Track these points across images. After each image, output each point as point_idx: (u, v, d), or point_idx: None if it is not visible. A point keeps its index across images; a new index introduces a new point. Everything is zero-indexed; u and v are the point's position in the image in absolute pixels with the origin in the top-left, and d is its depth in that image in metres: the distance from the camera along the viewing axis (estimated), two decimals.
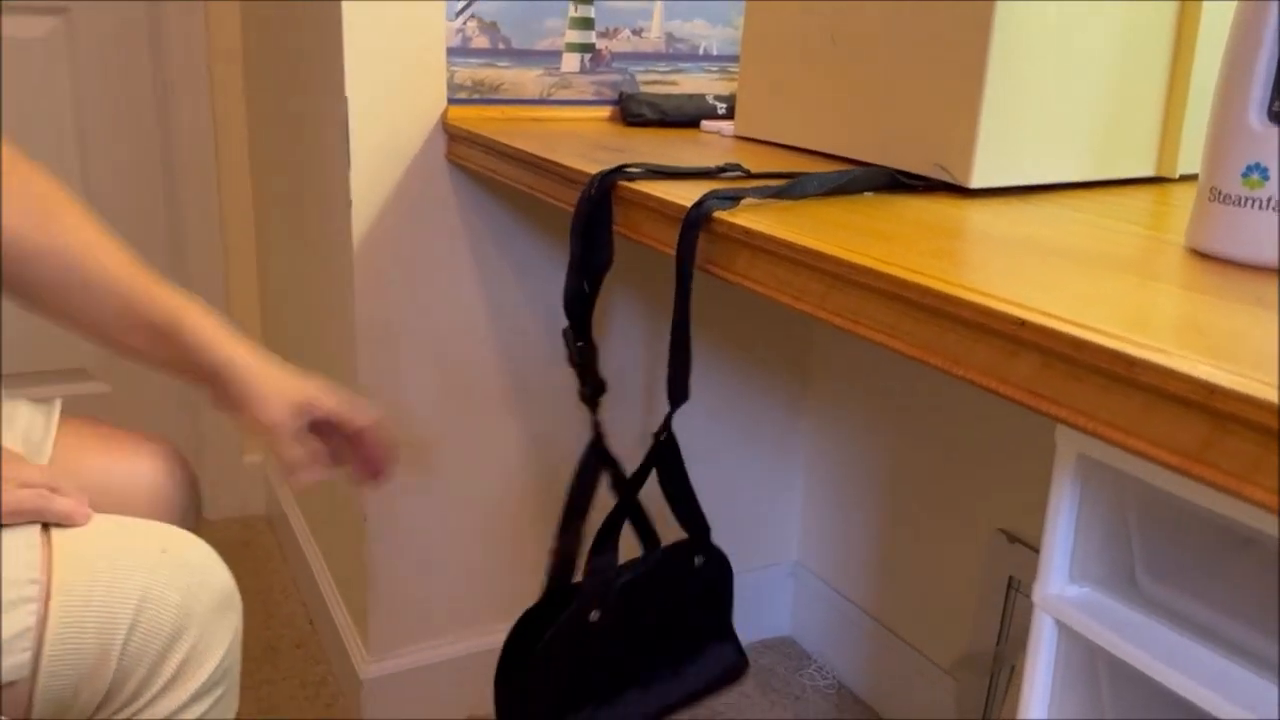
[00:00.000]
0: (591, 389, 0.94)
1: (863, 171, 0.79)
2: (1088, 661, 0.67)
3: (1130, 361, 0.45)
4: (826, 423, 1.56)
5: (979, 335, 0.53)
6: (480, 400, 1.35)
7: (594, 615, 0.90)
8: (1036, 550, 1.22)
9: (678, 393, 0.84)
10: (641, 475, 0.93)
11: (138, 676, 0.67)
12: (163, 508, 0.82)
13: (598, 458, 0.94)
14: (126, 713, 0.68)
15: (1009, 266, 0.61)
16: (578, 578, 0.94)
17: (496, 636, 1.47)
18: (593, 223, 0.85)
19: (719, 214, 0.72)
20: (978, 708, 1.30)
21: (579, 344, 0.91)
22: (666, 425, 0.90)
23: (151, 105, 1.81)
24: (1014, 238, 0.69)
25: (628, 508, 0.93)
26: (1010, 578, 1.24)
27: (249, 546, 1.89)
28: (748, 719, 1.45)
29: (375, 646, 1.38)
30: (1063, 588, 0.68)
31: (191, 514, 0.87)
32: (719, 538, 1.40)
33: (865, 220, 0.72)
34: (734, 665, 1.04)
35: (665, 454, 0.92)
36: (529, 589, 1.49)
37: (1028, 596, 1.25)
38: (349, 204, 1.22)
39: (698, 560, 0.98)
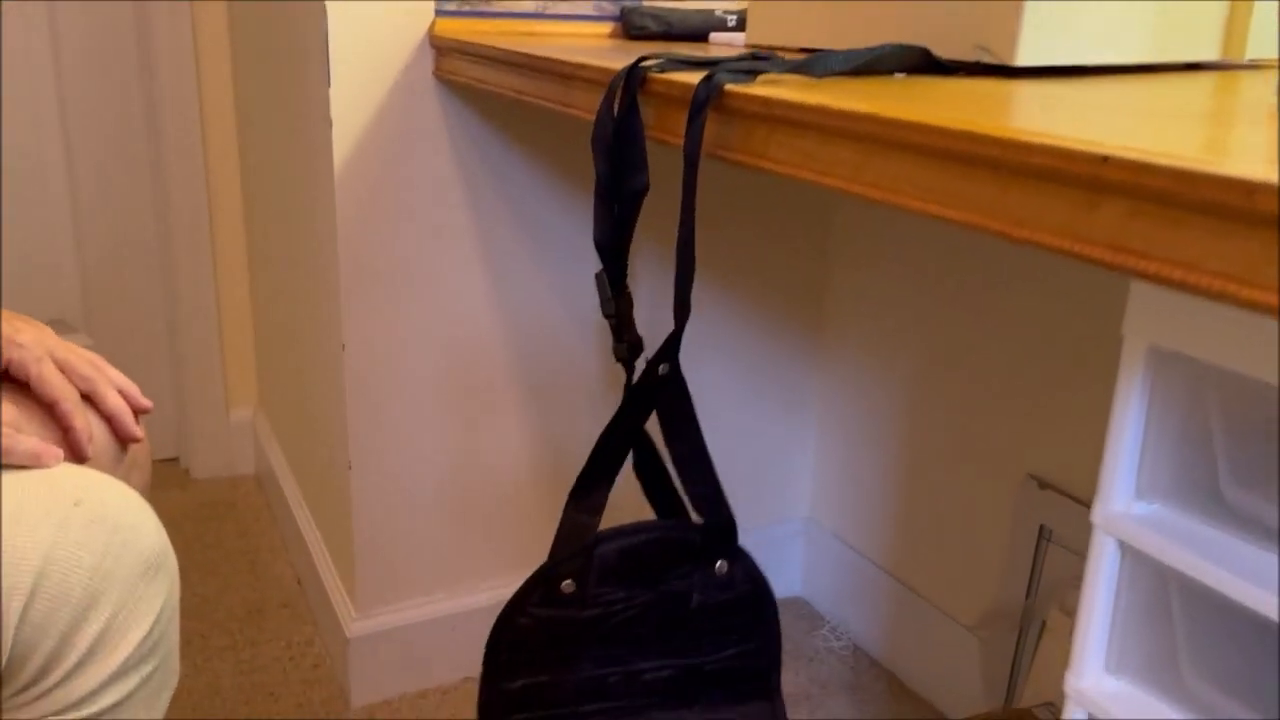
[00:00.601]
0: (629, 345, 0.78)
1: (893, 48, 0.70)
2: (1157, 589, 0.59)
3: (1249, 188, 0.36)
4: (841, 370, 1.47)
5: (1051, 187, 0.45)
6: (472, 346, 1.27)
7: (567, 585, 0.76)
8: (1071, 497, 1.14)
9: (681, 308, 0.73)
10: (629, 413, 0.76)
11: (44, 651, 0.58)
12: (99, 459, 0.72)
13: (632, 424, 0.78)
14: (33, 692, 0.58)
15: (1075, 118, 0.52)
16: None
17: (490, 594, 1.41)
18: (623, 132, 0.71)
19: (732, 87, 0.63)
20: (1004, 667, 1.22)
21: (613, 293, 0.76)
22: (666, 351, 0.75)
23: (131, 29, 1.72)
24: (1075, 101, 0.60)
25: (620, 451, 0.78)
26: (1041, 526, 1.16)
27: (235, 507, 1.81)
28: None
29: (362, 602, 1.30)
30: (1128, 505, 0.59)
31: (134, 471, 0.77)
32: (728, 493, 1.27)
33: (899, 97, 0.63)
34: None
35: (667, 393, 0.76)
36: (526, 545, 1.41)
37: (1061, 546, 1.17)
38: (329, 123, 1.13)
39: (719, 565, 0.80)
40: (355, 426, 1.23)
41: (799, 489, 1.56)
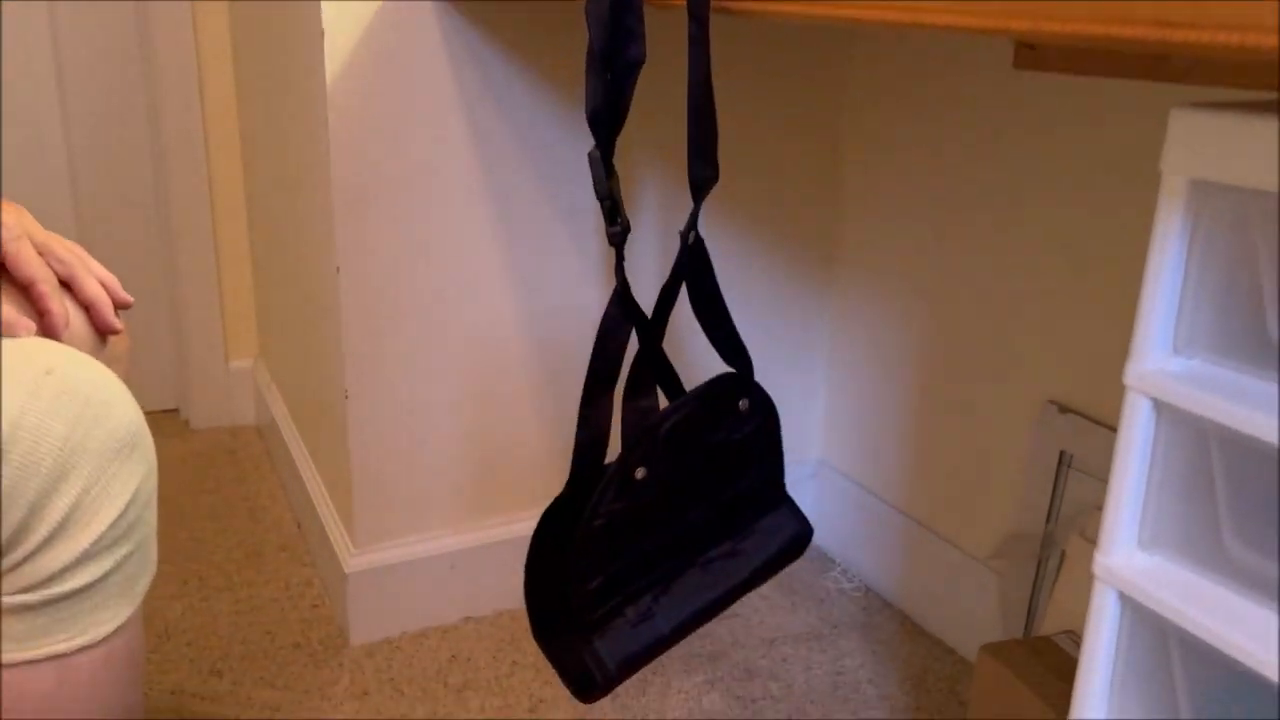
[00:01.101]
0: (621, 227, 0.79)
1: None
2: (1196, 453, 0.54)
3: None
4: (852, 306, 1.43)
5: None
6: (471, 271, 1.23)
7: (640, 472, 0.78)
8: (1092, 420, 1.10)
9: (704, 170, 0.70)
10: (671, 291, 0.80)
11: (12, 521, 0.54)
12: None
13: (624, 312, 0.80)
14: (4, 564, 0.55)
15: None
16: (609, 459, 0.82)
17: (492, 532, 1.37)
18: None
19: None
20: (1022, 599, 1.18)
21: (605, 171, 0.77)
22: (694, 222, 0.77)
23: None
24: None
25: (659, 337, 0.81)
26: (1062, 452, 1.12)
27: (235, 455, 1.78)
28: (768, 623, 1.34)
29: (360, 538, 1.26)
30: (1165, 361, 0.55)
31: (114, 365, 0.73)
32: None
33: None
34: (798, 534, 0.91)
35: (695, 261, 0.79)
36: (529, 481, 1.37)
37: (1082, 472, 1.13)
38: (321, 35, 1.09)
39: (742, 404, 0.85)
40: (351, 352, 1.19)
41: (810, 431, 1.52)
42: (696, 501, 0.83)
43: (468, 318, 1.24)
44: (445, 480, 1.29)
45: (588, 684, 0.81)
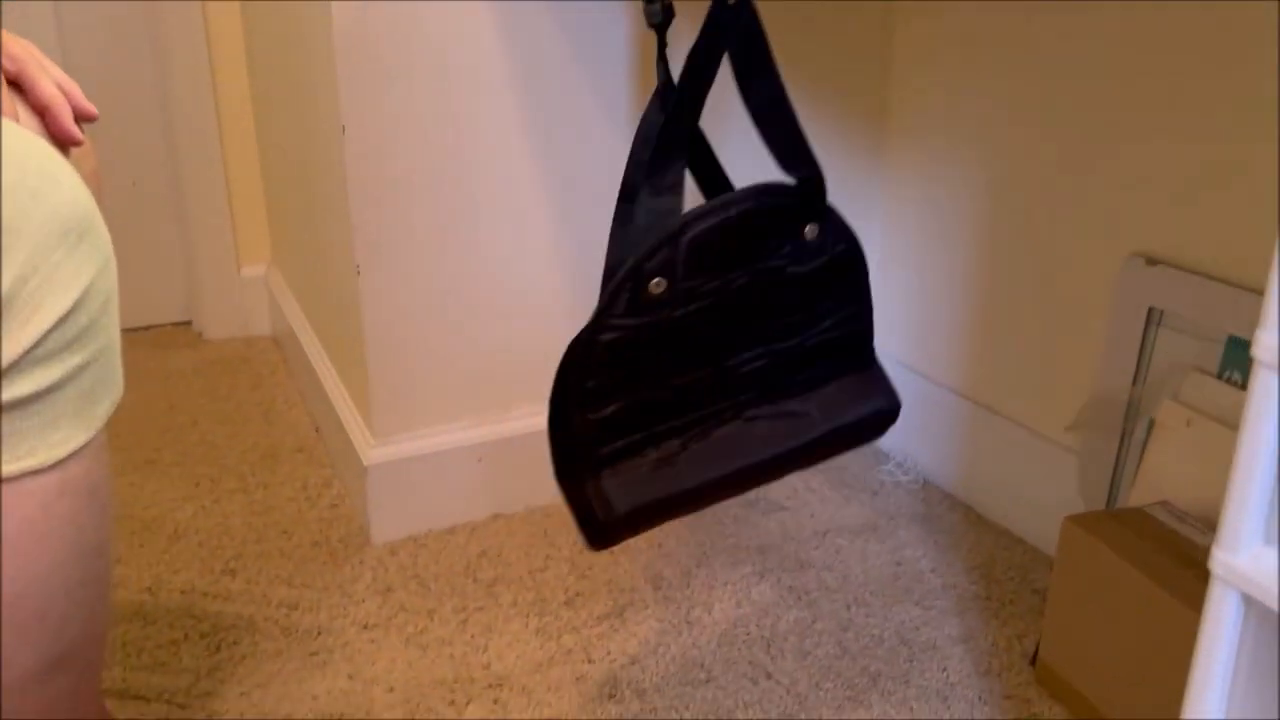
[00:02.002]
0: (663, 6, 0.68)
1: None
2: None
3: None
4: (907, 169, 1.31)
5: None
6: (486, 130, 1.12)
7: (657, 285, 0.64)
8: (1187, 269, 0.98)
9: None
10: (702, 55, 0.64)
11: None
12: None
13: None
14: None
15: None
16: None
17: (519, 423, 1.27)
18: None
19: None
20: (1104, 478, 1.07)
21: None
22: None
23: None
24: None
25: (694, 109, 0.65)
26: (1150, 309, 1.00)
27: (250, 363, 1.69)
28: (819, 516, 1.24)
29: (379, 428, 1.17)
30: None
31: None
32: None
33: None
34: (882, 409, 0.76)
35: (738, 29, 0.64)
36: (554, 367, 1.26)
37: (1174, 330, 1.01)
38: None
39: (809, 230, 0.70)
40: (359, 222, 1.09)
41: None
42: (744, 339, 0.70)
43: (480, 181, 1.14)
44: (470, 367, 1.20)
45: (590, 524, 0.70)
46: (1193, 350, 0.97)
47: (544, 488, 1.26)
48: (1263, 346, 0.46)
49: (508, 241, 1.17)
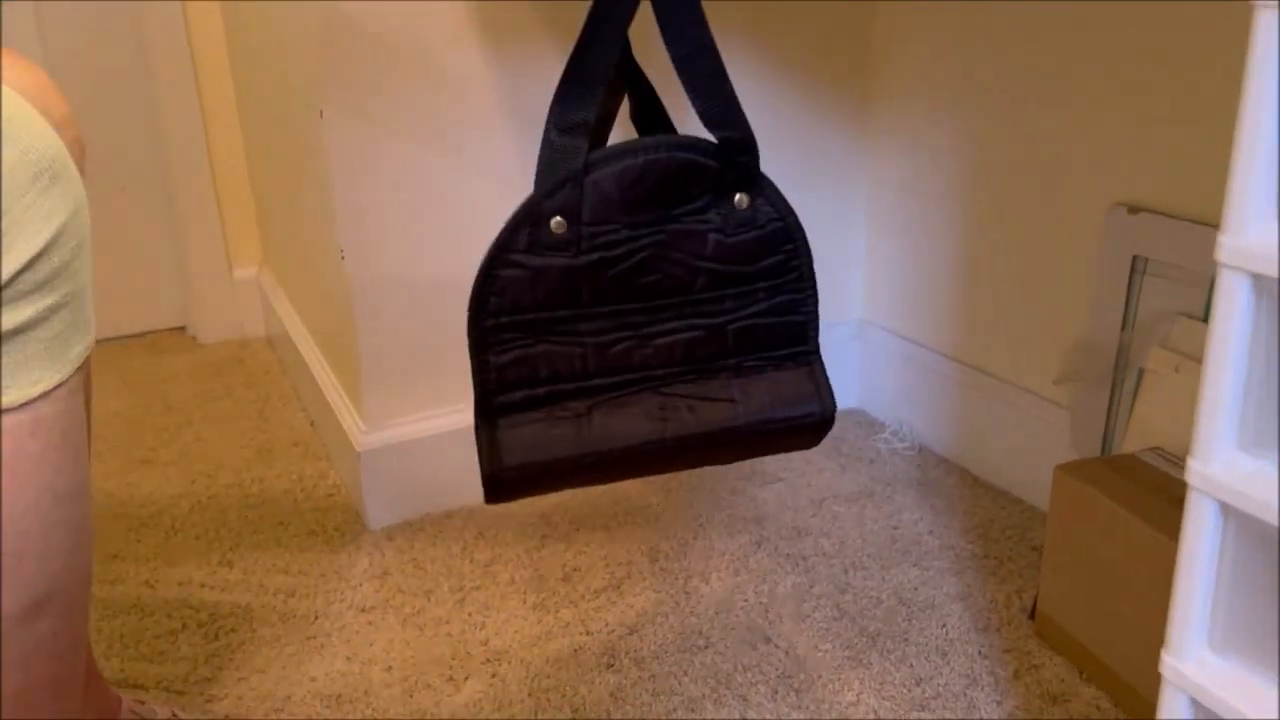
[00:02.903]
0: None
1: None
2: None
3: None
4: (890, 135, 1.31)
5: None
6: (473, 113, 1.12)
7: (557, 224, 0.61)
8: (1169, 215, 0.98)
9: None
10: None
11: None
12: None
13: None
14: None
15: None
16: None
17: None
18: None
19: None
20: (1096, 430, 1.07)
21: None
22: None
23: None
24: None
25: (609, 46, 0.61)
26: (1135, 257, 1.00)
27: (244, 363, 1.69)
28: (815, 485, 1.24)
29: (371, 414, 1.17)
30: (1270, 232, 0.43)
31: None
32: None
33: None
34: (813, 414, 0.70)
35: None
36: None
37: (1159, 277, 1.01)
38: None
39: (739, 200, 0.66)
40: (342, 205, 1.09)
41: (850, 290, 1.41)
42: (665, 307, 0.66)
43: (475, 175, 1.14)
44: (460, 350, 1.20)
45: (484, 472, 0.66)
46: (1179, 296, 0.96)
47: None
48: (1226, 250, 0.46)
49: (492, 222, 1.16)
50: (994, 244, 1.18)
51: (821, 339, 1.38)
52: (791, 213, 0.68)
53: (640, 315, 0.65)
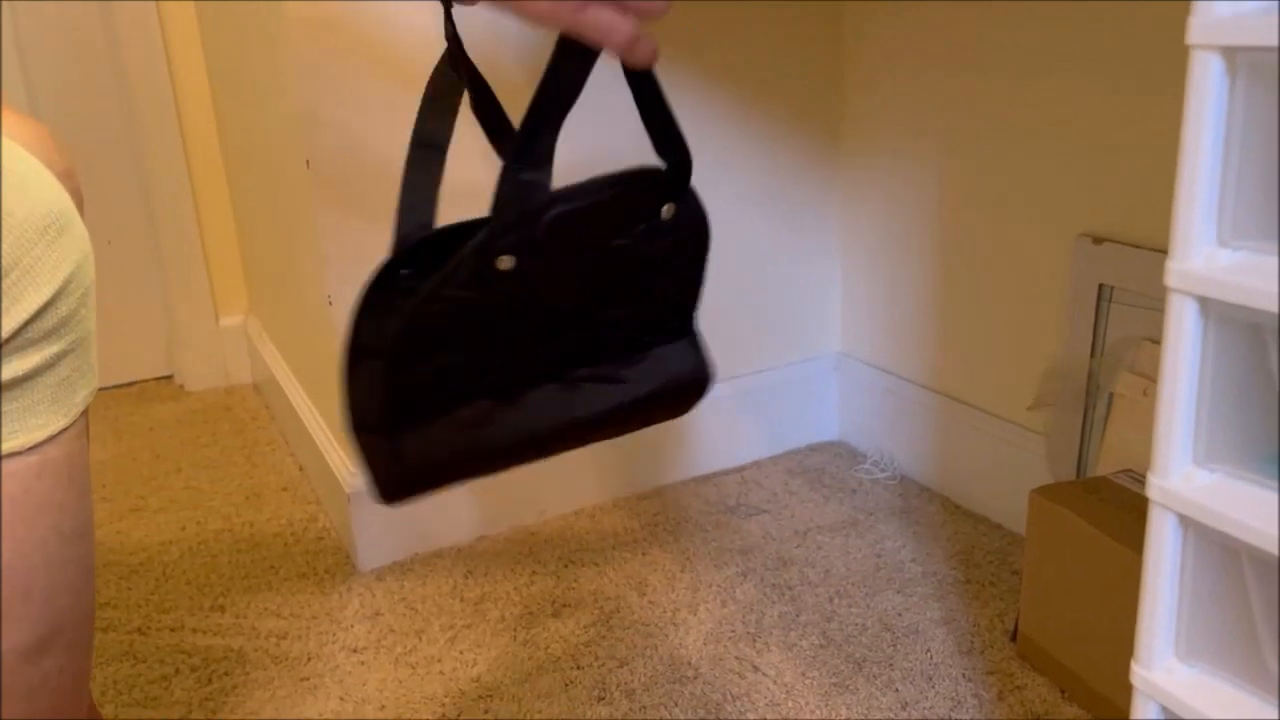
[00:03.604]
0: None
1: None
2: (1251, 350, 0.46)
3: None
4: (862, 175, 1.34)
5: None
6: (460, 159, 1.15)
7: (506, 262, 0.62)
8: (1132, 245, 1.01)
9: None
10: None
11: None
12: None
13: (457, 73, 0.65)
14: None
15: None
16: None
17: None
18: None
19: None
20: (1071, 455, 1.09)
21: None
22: None
23: None
24: None
25: (575, 79, 0.62)
26: (1101, 285, 1.03)
27: (232, 410, 1.71)
28: (799, 516, 1.26)
29: None
30: (1213, 253, 0.47)
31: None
32: (749, 332, 1.15)
33: None
34: (692, 375, 0.75)
35: None
36: None
37: (1125, 305, 1.04)
38: None
39: (666, 210, 0.69)
40: (330, 254, 1.12)
41: (828, 324, 1.44)
42: (578, 315, 0.69)
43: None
44: None
45: (381, 478, 0.67)
46: (1144, 322, 1.00)
47: (527, 507, 1.28)
48: (1174, 275, 0.49)
49: None
50: (966, 276, 1.21)
51: (802, 372, 1.42)
52: (705, 217, 0.71)
53: (551, 322, 0.68)
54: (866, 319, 1.39)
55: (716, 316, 1.35)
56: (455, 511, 1.24)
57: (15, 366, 0.49)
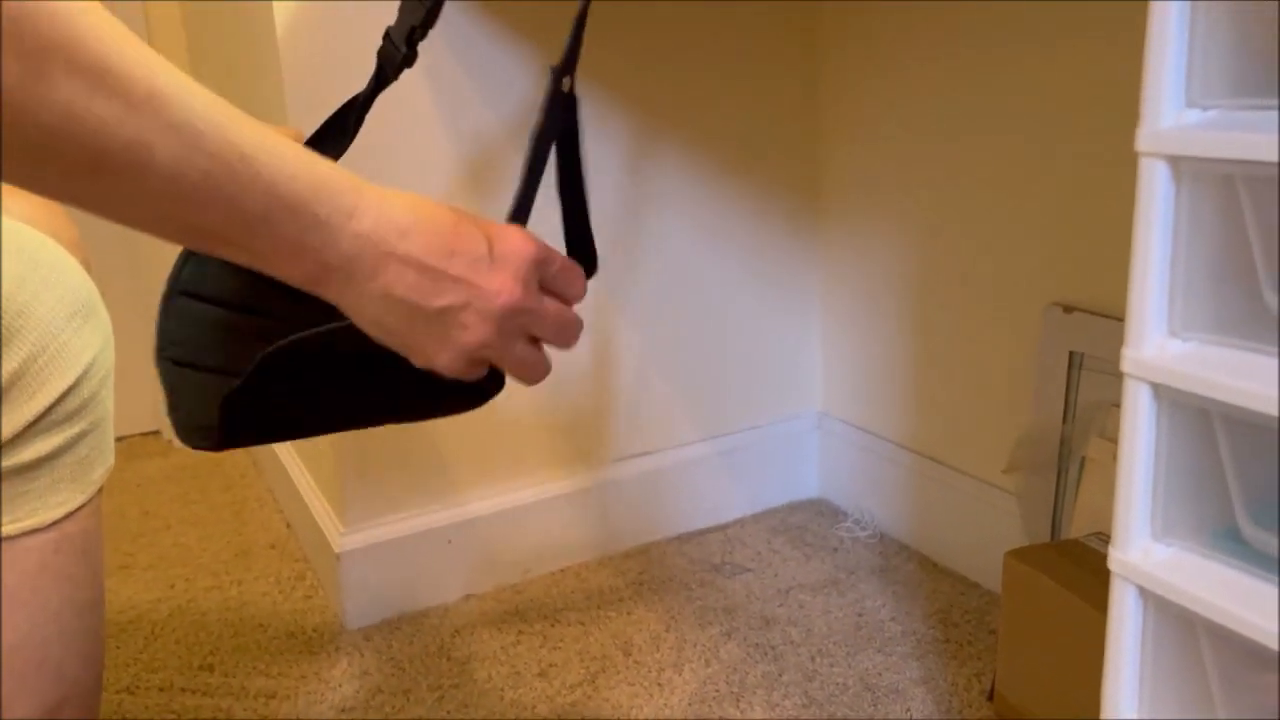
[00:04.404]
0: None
1: None
2: (1200, 427, 0.50)
3: None
4: (842, 242, 1.39)
5: None
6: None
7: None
8: (1099, 314, 1.05)
9: None
10: (541, 153, 0.63)
11: None
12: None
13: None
14: None
15: None
16: None
17: (486, 504, 1.30)
18: None
19: None
20: (1045, 518, 1.12)
21: None
22: (572, 59, 0.62)
23: None
24: None
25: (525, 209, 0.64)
26: (1071, 353, 1.07)
27: (219, 466, 1.72)
28: (782, 575, 1.28)
29: (350, 516, 1.21)
30: (1164, 343, 0.50)
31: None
32: (731, 391, 1.15)
33: None
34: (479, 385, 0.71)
35: (568, 117, 0.64)
36: (519, 449, 1.31)
37: (1094, 371, 1.08)
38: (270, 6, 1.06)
39: None
40: None
41: (809, 383, 1.47)
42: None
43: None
44: (435, 451, 1.24)
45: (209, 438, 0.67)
46: (1114, 388, 1.03)
47: (514, 566, 1.30)
48: (1129, 362, 0.52)
49: None
50: (943, 340, 1.25)
51: (783, 430, 1.45)
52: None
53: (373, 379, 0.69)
54: (847, 379, 1.43)
55: (701, 376, 1.38)
56: (442, 571, 1.25)
57: (39, 447, 0.51)
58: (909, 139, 1.24)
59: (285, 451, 1.48)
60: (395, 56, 0.76)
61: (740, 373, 1.41)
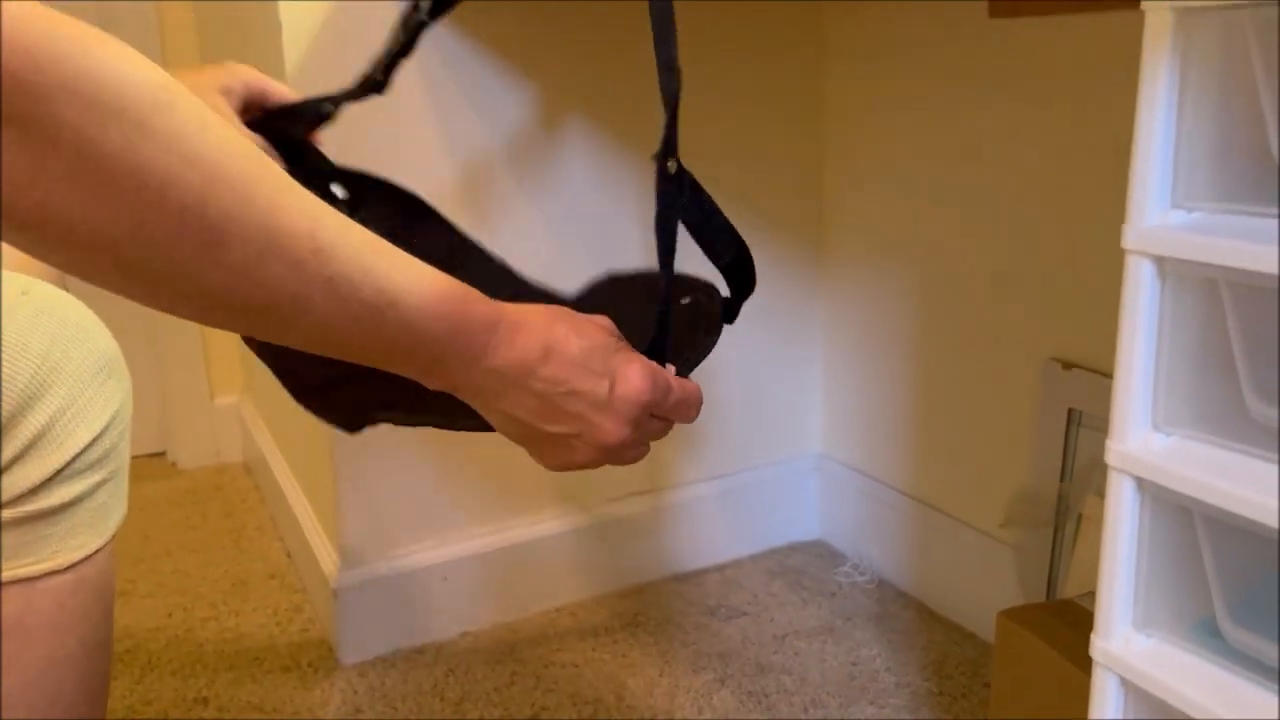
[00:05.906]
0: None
1: None
2: (1207, 304, 0.50)
3: None
4: (844, 290, 1.39)
5: None
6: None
7: None
8: (1098, 372, 1.05)
9: (669, 79, 0.62)
10: (667, 232, 0.69)
11: None
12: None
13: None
14: None
15: None
16: None
17: (484, 540, 1.31)
18: None
19: None
20: (1041, 571, 1.12)
21: None
22: (672, 144, 0.66)
23: None
24: None
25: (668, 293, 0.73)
26: (1070, 410, 1.07)
27: (222, 490, 1.73)
28: (778, 620, 1.28)
29: (347, 552, 1.21)
30: (1165, 215, 0.51)
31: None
32: (732, 432, 1.18)
33: None
34: None
35: (685, 192, 0.69)
36: (518, 487, 1.31)
37: (1092, 429, 1.08)
38: (278, 28, 1.07)
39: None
40: None
41: (809, 426, 1.48)
42: None
43: None
44: (433, 489, 1.24)
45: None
46: None
47: (509, 603, 1.30)
48: (1114, 454, 0.53)
49: None
50: (943, 389, 1.25)
51: (784, 472, 1.45)
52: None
53: None
54: (847, 422, 1.43)
55: (702, 414, 1.38)
56: (439, 607, 1.26)
57: (62, 494, 0.54)
58: (912, 187, 1.25)
59: (287, 480, 1.49)
60: (370, 81, 0.81)
61: (743, 413, 1.42)
